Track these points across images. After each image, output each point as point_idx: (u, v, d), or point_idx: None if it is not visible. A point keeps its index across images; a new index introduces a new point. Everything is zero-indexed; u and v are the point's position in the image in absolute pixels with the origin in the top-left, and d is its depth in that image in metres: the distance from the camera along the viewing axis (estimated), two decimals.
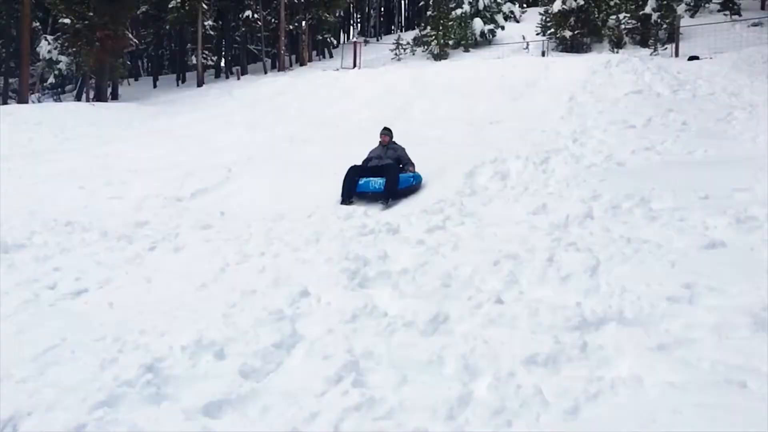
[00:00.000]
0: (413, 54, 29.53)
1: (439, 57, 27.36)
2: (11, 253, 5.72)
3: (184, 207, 7.70)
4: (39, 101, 26.01)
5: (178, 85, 31.64)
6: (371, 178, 7.58)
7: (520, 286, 4.10)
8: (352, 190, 7.39)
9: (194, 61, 30.27)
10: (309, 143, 11.26)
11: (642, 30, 25.13)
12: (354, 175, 7.53)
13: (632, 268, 4.20)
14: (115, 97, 27.11)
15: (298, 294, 4.12)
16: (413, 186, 7.69)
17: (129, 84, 33.51)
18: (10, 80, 30.34)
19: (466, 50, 28.78)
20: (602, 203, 5.89)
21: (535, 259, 4.47)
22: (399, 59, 28.81)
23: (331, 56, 36.32)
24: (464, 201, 6.67)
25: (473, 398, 2.82)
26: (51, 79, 30.77)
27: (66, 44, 25.40)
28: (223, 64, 35.93)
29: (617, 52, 21.86)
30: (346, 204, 7.16)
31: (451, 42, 28.70)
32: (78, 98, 27.83)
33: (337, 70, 23.56)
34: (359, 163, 8.08)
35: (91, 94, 26.76)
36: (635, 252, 4.46)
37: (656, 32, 24.29)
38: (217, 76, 33.80)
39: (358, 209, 6.44)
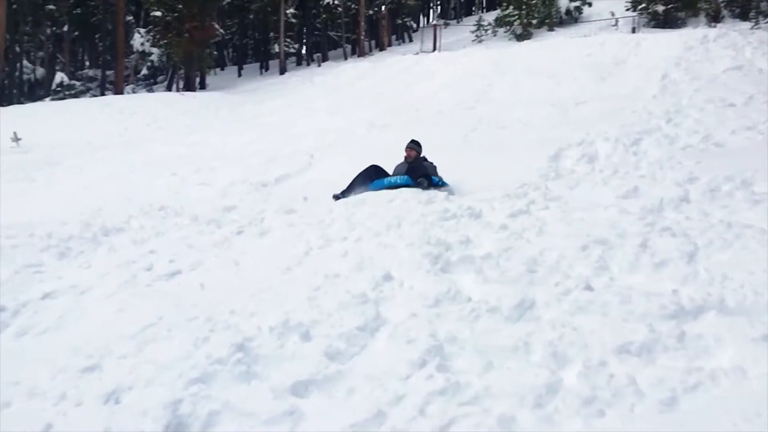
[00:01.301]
0: (495, 35, 28.91)
1: (522, 37, 26.64)
2: (111, 236, 6.05)
3: (269, 192, 7.90)
4: (133, 92, 27.30)
5: (261, 74, 32.40)
6: (395, 177, 7.10)
7: (610, 273, 3.94)
8: (357, 187, 7.02)
9: (277, 50, 30.88)
10: (388, 128, 11.27)
11: (742, 2, 23.55)
12: (372, 173, 7.22)
13: (734, 254, 3.96)
14: (202, 86, 28.09)
15: (381, 278, 4.13)
16: (439, 186, 6.95)
17: (215, 73, 34.60)
18: (107, 72, 32.00)
19: (551, 29, 27.87)
20: (699, 186, 5.58)
21: (627, 245, 4.29)
22: (480, 41, 28.28)
23: (410, 40, 36.15)
24: (549, 185, 6.48)
25: (562, 386, 2.74)
26: (144, 71, 32.21)
27: (157, 37, 26.48)
28: (304, 51, 36.49)
29: (714, 27, 20.59)
30: (338, 198, 6.89)
31: (534, 21, 27.85)
32: (168, 88, 29.02)
33: (417, 54, 23.44)
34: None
35: (181, 84, 27.85)
36: (737, 237, 4.20)
37: (758, 4, 22.69)
38: (299, 63, 34.37)
39: (439, 194, 6.38)
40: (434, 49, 25.49)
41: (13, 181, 9.48)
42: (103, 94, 28.23)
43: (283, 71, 27.97)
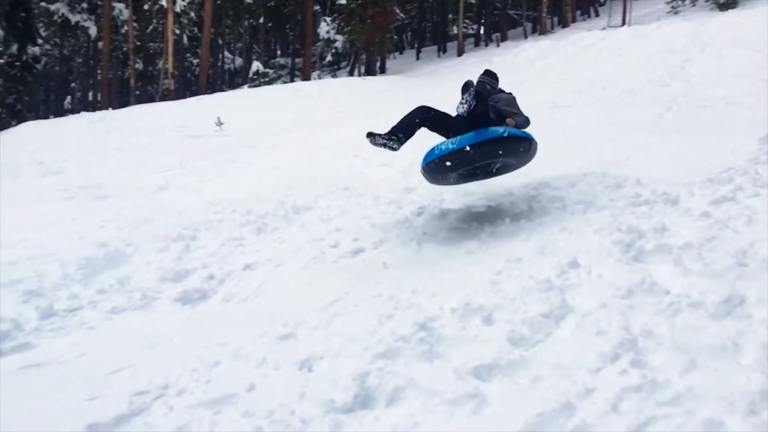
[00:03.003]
0: (693, 5, 26.41)
1: (725, 6, 24.04)
2: (301, 214, 6.44)
3: None
4: (319, 78, 28.84)
5: (439, 56, 32.61)
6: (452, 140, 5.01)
7: None
8: (409, 130, 5.22)
9: (455, 31, 30.84)
10: (572, 108, 10.76)
11: None
12: (423, 115, 5.33)
13: None
14: (382, 70, 28.95)
15: (566, 264, 3.96)
16: (513, 140, 4.98)
17: (394, 57, 35.46)
18: (296, 60, 34.14)
19: None
20: None
21: None
22: (676, 12, 26.00)
23: (596, 15, 34.25)
24: (759, 169, 5.78)
25: None
26: (328, 57, 33.88)
27: (341, 24, 27.65)
28: (482, 32, 36.05)
29: None
30: (385, 141, 5.10)
31: None
32: (351, 73, 30.27)
33: (604, 29, 22.12)
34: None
35: (362, 69, 28.90)
36: None
37: None
38: (477, 44, 34.07)
39: (629, 177, 5.95)
40: (623, 23, 23.88)
41: (218, 162, 10.47)
42: (292, 81, 30.18)
43: (461, 53, 27.91)
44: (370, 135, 5.14)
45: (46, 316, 4.14)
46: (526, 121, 5.39)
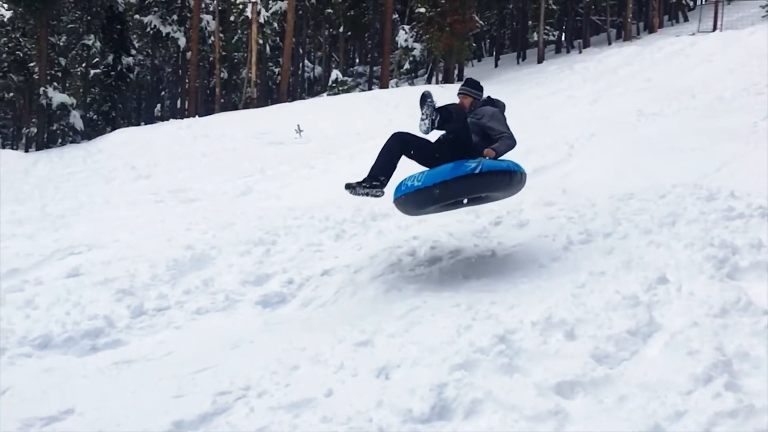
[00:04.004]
0: None
1: None
2: (379, 221, 6.47)
3: (527, 184, 7.75)
4: (396, 85, 29.01)
5: (518, 63, 32.15)
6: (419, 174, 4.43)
7: None
8: (390, 166, 4.56)
9: (535, 38, 30.33)
10: (659, 117, 10.38)
11: None
12: (400, 145, 4.62)
13: None
14: (461, 78, 28.76)
15: (654, 280, 3.80)
16: (488, 176, 4.27)
17: (472, 65, 35.22)
18: (374, 68, 34.47)
19: None
20: None
21: None
22: None
23: (685, 20, 32.84)
24: None
25: None
26: (406, 65, 34.02)
27: (420, 32, 27.72)
28: (563, 38, 35.29)
29: None
30: (367, 190, 4.48)
31: None
32: (428, 81, 30.26)
33: (693, 34, 21.20)
34: None
35: (440, 77, 28.86)
36: None
37: None
38: (557, 51, 33.34)
39: (722, 189, 5.66)
40: (714, 28, 22.81)
41: (297, 168, 10.71)
42: (370, 89, 30.48)
43: (540, 60, 27.39)
44: (349, 186, 4.50)
45: (137, 314, 4.34)
46: (510, 145, 4.66)
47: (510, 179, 4.43)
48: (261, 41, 29.32)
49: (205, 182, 9.94)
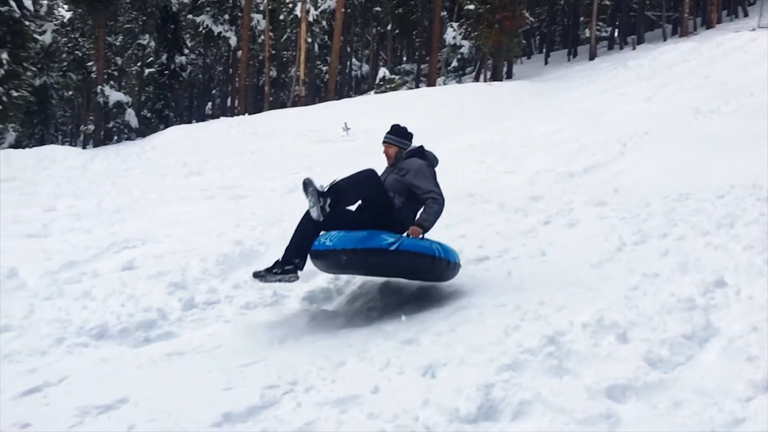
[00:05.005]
0: None
1: None
2: None
3: (577, 183, 7.63)
4: (444, 83, 28.91)
5: (568, 60, 31.60)
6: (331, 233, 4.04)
7: None
8: (305, 246, 4.07)
9: (587, 34, 29.77)
10: (716, 115, 10.03)
11: None
12: (311, 226, 4.08)
13: None
14: (509, 75, 28.49)
15: (711, 283, 3.67)
16: (404, 256, 3.84)
17: (521, 62, 34.79)
18: (422, 66, 34.40)
19: None
20: None
21: None
22: None
23: (745, 15, 31.69)
24: None
25: None
26: (454, 63, 33.86)
27: (469, 29, 27.53)
28: (616, 34, 34.50)
29: None
30: (280, 277, 4.02)
31: None
32: (476, 79, 30.05)
33: (753, 30, 20.46)
34: None
35: (488, 75, 28.61)
36: None
37: None
38: (610, 47, 32.65)
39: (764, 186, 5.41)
40: None
41: (344, 165, 10.75)
42: (417, 87, 30.45)
43: (592, 56, 26.86)
44: (258, 275, 4.05)
45: (188, 307, 4.43)
46: (438, 211, 4.18)
47: (431, 264, 3.90)
48: (310, 40, 29.61)
49: (254, 179, 10.08)
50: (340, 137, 14.26)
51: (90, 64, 30.06)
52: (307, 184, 3.91)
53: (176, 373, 3.46)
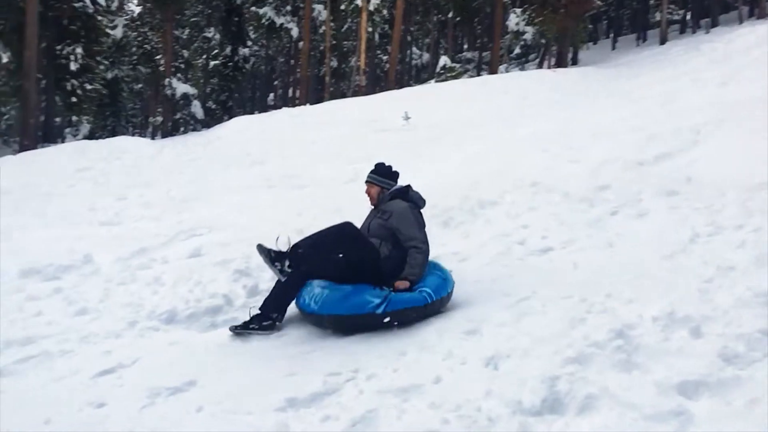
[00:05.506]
0: None
1: None
2: (487, 209, 6.37)
3: (646, 172, 7.36)
4: (506, 71, 28.42)
5: (637, 45, 30.55)
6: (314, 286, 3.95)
7: None
8: (285, 301, 4.00)
9: (657, 18, 28.67)
10: None
11: None
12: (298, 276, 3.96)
13: None
14: (574, 62, 27.76)
15: None
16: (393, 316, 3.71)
17: (587, 48, 33.78)
18: (483, 54, 33.95)
19: None
20: None
21: None
22: None
23: None
24: None
25: None
26: (516, 50, 33.23)
27: (532, 14, 26.94)
28: (688, 17, 33.10)
29: None
30: (254, 330, 3.85)
31: None
32: (540, 66, 29.42)
33: None
34: None
35: (552, 61, 27.96)
36: None
37: None
38: (682, 31, 31.36)
39: None
40: None
41: (404, 155, 10.73)
42: (479, 75, 30.06)
43: (663, 41, 25.86)
44: (235, 330, 3.87)
45: (252, 294, 4.53)
46: (423, 262, 4.01)
47: (424, 310, 3.79)
48: (370, 29, 29.64)
49: (315, 168, 10.18)
50: (400, 126, 14.24)
51: (158, 57, 30.98)
52: (259, 251, 3.76)
53: (241, 358, 3.54)
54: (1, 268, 4.99)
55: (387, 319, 3.67)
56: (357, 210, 6.55)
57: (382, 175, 4.42)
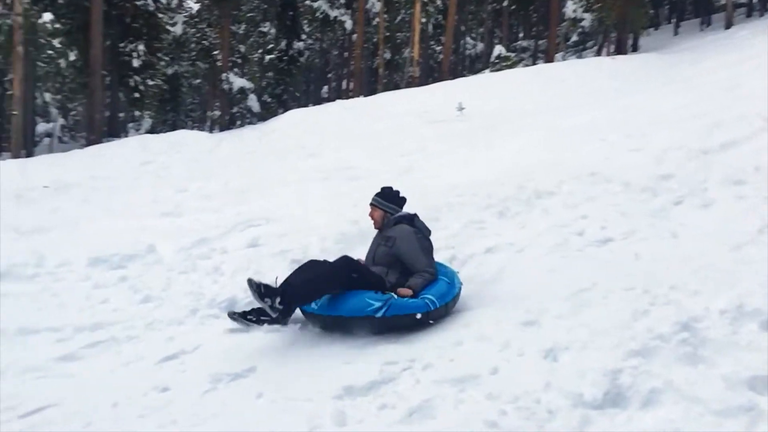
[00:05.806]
0: None
1: None
2: (543, 199, 6.26)
3: (711, 160, 7.09)
4: (563, 59, 27.78)
5: (701, 30, 29.39)
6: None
7: None
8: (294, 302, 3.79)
9: (722, 1, 27.51)
10: None
11: None
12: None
13: None
14: (634, 48, 26.93)
15: None
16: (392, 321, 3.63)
17: (648, 34, 32.70)
18: (539, 42, 33.30)
19: None
20: None
21: None
22: None
23: None
24: None
25: None
26: (574, 38, 32.47)
27: (591, 1, 26.24)
28: (755, 0, 31.64)
29: None
30: (258, 318, 3.91)
31: None
32: (598, 53, 28.67)
33: None
34: None
35: (611, 48, 27.20)
36: None
37: None
38: (749, 14, 30.00)
39: None
40: None
41: (458, 146, 10.65)
42: (534, 64, 29.52)
43: (728, 25, 24.78)
44: (232, 315, 3.94)
45: None
46: (431, 282, 3.92)
47: (427, 316, 3.68)
48: (424, 20, 29.46)
49: (369, 160, 10.21)
50: (453, 117, 14.12)
51: (216, 52, 31.59)
52: (248, 286, 3.62)
53: (300, 346, 3.60)
54: (70, 258, 5.20)
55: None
56: (410, 202, 6.58)
57: (387, 199, 4.36)
